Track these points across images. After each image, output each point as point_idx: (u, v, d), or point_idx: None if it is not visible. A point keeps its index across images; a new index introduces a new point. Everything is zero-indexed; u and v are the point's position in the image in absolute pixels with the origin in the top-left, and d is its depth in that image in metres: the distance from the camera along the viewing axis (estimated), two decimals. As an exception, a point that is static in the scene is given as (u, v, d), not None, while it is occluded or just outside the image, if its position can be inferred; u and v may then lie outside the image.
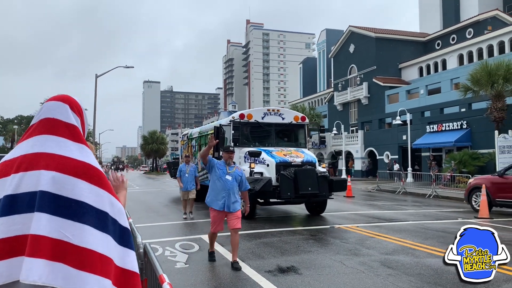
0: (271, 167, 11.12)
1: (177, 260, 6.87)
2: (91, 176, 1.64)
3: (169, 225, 10.75)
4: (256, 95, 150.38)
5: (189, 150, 18.08)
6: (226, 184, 6.38)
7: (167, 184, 32.62)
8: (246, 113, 12.68)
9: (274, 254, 7.31)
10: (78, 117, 1.78)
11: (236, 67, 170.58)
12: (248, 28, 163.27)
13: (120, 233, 1.68)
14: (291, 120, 13.13)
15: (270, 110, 12.89)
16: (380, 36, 44.78)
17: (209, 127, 15.63)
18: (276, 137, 12.99)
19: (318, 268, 6.32)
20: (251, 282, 5.67)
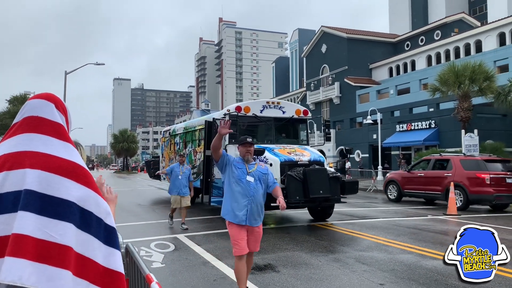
0: (275, 167, 9.69)
1: (153, 260, 6.79)
2: (78, 175, 1.61)
3: (143, 225, 10.61)
4: (229, 93, 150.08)
5: (171, 148, 16.85)
6: (248, 188, 4.72)
7: (139, 183, 32.17)
8: (243, 106, 11.28)
9: (250, 252, 7.32)
10: (63, 115, 1.75)
11: (208, 65, 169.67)
12: (220, 26, 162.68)
13: (105, 233, 1.65)
14: (292, 114, 11.70)
15: (269, 102, 11.55)
16: (352, 37, 45.50)
17: (196, 122, 14.47)
18: (276, 133, 11.63)
19: (295, 266, 6.38)
20: (229, 280, 5.67)
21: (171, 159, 16.23)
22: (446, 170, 14.70)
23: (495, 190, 13.19)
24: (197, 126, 13.94)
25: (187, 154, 14.29)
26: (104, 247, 1.65)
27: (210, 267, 6.37)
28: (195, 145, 13.93)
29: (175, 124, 31.26)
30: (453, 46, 38.00)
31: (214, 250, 7.49)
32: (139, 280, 2.34)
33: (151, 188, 25.41)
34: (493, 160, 14.29)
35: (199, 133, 13.58)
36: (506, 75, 26.49)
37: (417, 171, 16.09)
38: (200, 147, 13.09)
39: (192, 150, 14.11)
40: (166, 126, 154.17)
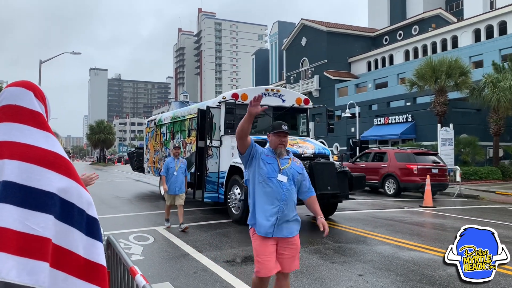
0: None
1: (132, 252, 6.72)
2: (59, 166, 1.57)
3: (121, 217, 10.49)
4: (208, 85, 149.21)
5: (157, 139, 15.71)
6: (279, 189, 3.58)
7: (116, 175, 31.78)
8: (240, 93, 10.29)
9: (231, 244, 7.33)
10: (42, 104, 1.69)
11: (187, 56, 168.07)
12: (200, 17, 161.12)
13: (87, 224, 1.62)
14: (292, 103, 10.89)
15: (268, 90, 10.68)
16: (331, 30, 45.70)
17: (186, 111, 13.30)
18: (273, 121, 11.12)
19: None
20: (209, 272, 5.66)
21: (157, 151, 15.41)
22: (383, 162, 16.70)
23: (421, 179, 14.67)
24: (187, 115, 12.94)
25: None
26: (86, 238, 1.61)
27: (190, 259, 6.34)
28: (184, 136, 13.02)
29: (157, 114, 30.43)
30: (430, 41, 38.61)
31: (193, 242, 7.46)
32: (122, 273, 2.30)
33: (128, 180, 25.12)
34: (421, 153, 16.32)
35: (189, 122, 12.68)
36: (481, 71, 27.10)
37: (360, 163, 17.86)
38: (191, 137, 12.28)
39: (181, 141, 13.17)
40: (143, 117, 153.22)
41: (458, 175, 16.89)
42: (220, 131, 10.33)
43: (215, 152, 10.36)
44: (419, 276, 5.51)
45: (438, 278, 5.43)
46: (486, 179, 21.43)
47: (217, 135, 10.35)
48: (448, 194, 16.43)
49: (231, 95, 10.24)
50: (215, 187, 10.32)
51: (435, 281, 5.33)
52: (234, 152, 9.59)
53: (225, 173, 9.87)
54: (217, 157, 10.32)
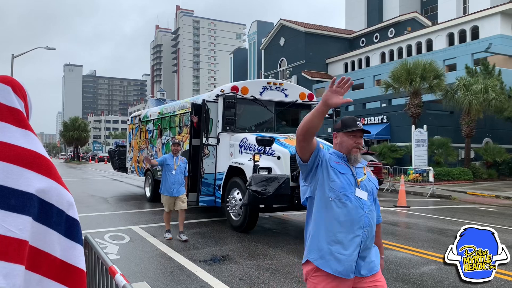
0: (284, 161, 7.81)
1: (108, 251, 6.61)
2: (39, 165, 1.52)
3: (96, 216, 10.31)
4: (186, 83, 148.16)
5: (142, 136, 14.44)
6: (359, 210, 2.50)
7: (90, 173, 31.23)
8: (240, 86, 9.37)
9: (208, 243, 7.30)
10: (21, 100, 1.64)
11: (164, 53, 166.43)
12: (178, 14, 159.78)
13: (66, 225, 1.58)
14: (296, 98, 10.01)
15: (270, 83, 9.77)
16: (309, 31, 46.05)
17: (177, 105, 12.10)
18: (276, 119, 9.90)
19: (253, 256, 6.42)
20: (186, 272, 5.63)
21: (142, 149, 14.26)
22: None
23: None
24: (177, 110, 11.75)
25: (164, 143, 12.41)
26: (64, 240, 1.57)
27: (167, 259, 6.29)
28: (174, 133, 11.92)
29: (134, 111, 29.69)
30: (406, 44, 39.33)
31: (170, 241, 7.40)
32: (101, 272, 2.26)
33: (103, 179, 24.72)
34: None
35: (179, 118, 11.59)
36: (454, 74, 27.77)
37: None
38: (182, 135, 11.20)
39: (170, 139, 12.05)
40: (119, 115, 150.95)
41: (431, 176, 17.28)
42: (217, 128, 9.39)
43: (212, 151, 9.38)
44: (394, 275, 5.61)
45: (412, 277, 5.55)
46: (458, 180, 21.98)
47: (214, 132, 9.40)
48: (422, 194, 16.79)
49: (230, 88, 9.27)
50: (211, 190, 9.39)
51: (409, 279, 5.44)
52: (234, 151, 8.89)
53: (223, 174, 8.94)
54: (213, 156, 9.38)
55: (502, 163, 25.05)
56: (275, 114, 9.74)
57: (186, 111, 10.98)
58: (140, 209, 11.56)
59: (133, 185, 19.39)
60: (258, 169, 7.59)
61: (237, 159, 8.51)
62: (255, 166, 7.61)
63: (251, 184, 7.05)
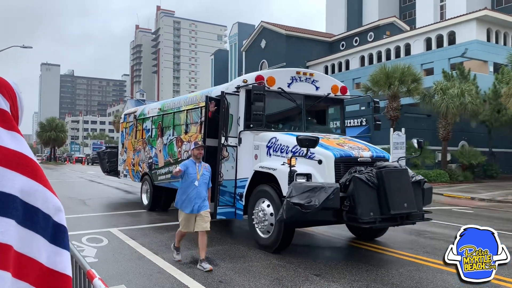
0: (327, 166, 6.44)
1: (85, 254, 6.49)
2: (25, 167, 1.48)
3: (74, 218, 10.12)
4: (166, 83, 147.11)
5: (137, 136, 12.72)
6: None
7: (67, 175, 30.68)
8: (265, 76, 7.83)
9: (188, 246, 7.24)
10: (7, 100, 1.59)
11: (144, 54, 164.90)
12: (158, 14, 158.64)
13: (53, 231, 1.54)
14: (328, 92, 8.53)
15: (300, 73, 8.29)
16: (290, 34, 46.31)
17: (182, 100, 10.48)
18: (306, 116, 8.38)
19: (233, 259, 6.40)
20: (166, 274, 5.57)
21: (138, 151, 12.51)
22: None
23: None
24: (183, 106, 10.24)
25: (166, 144, 10.75)
26: (50, 246, 1.53)
27: (146, 262, 6.22)
28: (179, 132, 10.32)
29: (113, 109, 28.82)
30: (385, 48, 39.92)
31: (150, 244, 7.32)
32: (78, 276, 2.22)
33: (81, 180, 24.31)
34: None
35: (187, 115, 10.01)
36: (432, 78, 28.32)
37: None
38: (190, 134, 9.69)
39: (174, 138, 10.41)
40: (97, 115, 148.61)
41: (409, 178, 17.51)
42: (238, 126, 7.89)
43: (231, 154, 7.86)
44: (373, 276, 5.67)
45: (391, 278, 5.62)
46: (435, 182, 22.39)
47: (234, 130, 7.88)
48: (400, 196, 17.02)
49: (255, 78, 7.73)
50: (231, 200, 7.80)
51: (388, 280, 5.50)
52: (260, 154, 7.39)
53: (245, 181, 7.46)
54: (233, 159, 7.86)
55: (477, 166, 25.67)
56: (304, 109, 8.22)
57: (195, 107, 9.57)
58: (119, 211, 11.40)
59: (112, 187, 19.12)
60: (296, 176, 6.23)
61: (266, 163, 7.07)
62: (291, 172, 6.21)
63: (292, 195, 5.73)
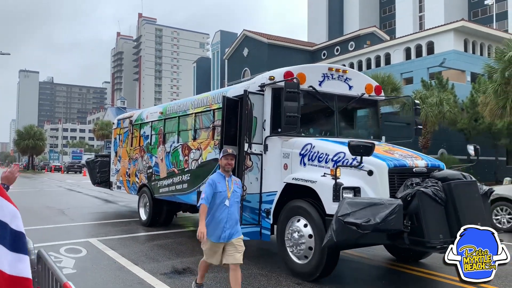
0: (379, 178, 5.40)
1: (63, 265, 6.35)
2: None
3: (51, 228, 9.91)
4: (147, 91, 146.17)
5: (134, 143, 11.37)
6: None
7: (46, 183, 30.08)
8: (295, 72, 6.75)
9: (169, 256, 7.16)
10: None
11: (125, 61, 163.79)
12: (140, 22, 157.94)
13: (12, 238, 1.50)
14: (362, 92, 7.40)
15: (332, 70, 7.16)
16: (272, 43, 46.66)
17: (190, 102, 9.14)
18: (339, 119, 7.22)
19: (214, 268, 6.32)
20: (146, 285, 5.48)
21: (134, 160, 11.11)
22: None
23: None
24: (191, 109, 8.96)
25: (170, 152, 9.49)
26: (11, 254, 1.50)
27: (126, 272, 6.11)
28: (185, 138, 9.10)
29: (94, 118, 27.93)
30: (365, 57, 40.52)
31: (129, 254, 7.20)
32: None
33: (60, 189, 23.86)
34: None
35: (195, 119, 8.78)
36: (411, 87, 28.80)
37: None
38: (200, 140, 8.47)
39: (179, 146, 9.13)
40: (77, 123, 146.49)
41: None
42: (263, 130, 6.72)
43: (255, 163, 6.74)
44: (348, 279, 5.68)
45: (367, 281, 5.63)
46: (415, 189, 22.67)
47: (259, 136, 6.73)
48: (381, 204, 17.17)
49: (283, 75, 6.70)
50: (255, 218, 6.68)
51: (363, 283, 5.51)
52: (291, 163, 6.32)
53: (273, 195, 6.33)
54: (258, 170, 6.71)
55: (455, 173, 26.03)
56: (336, 111, 7.10)
57: (205, 109, 8.41)
58: (98, 221, 11.21)
59: (91, 196, 18.81)
60: (342, 189, 5.24)
61: (300, 174, 5.99)
62: (337, 185, 5.23)
63: (345, 212, 4.76)
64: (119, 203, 15.76)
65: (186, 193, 8.65)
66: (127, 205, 15.08)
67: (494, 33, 36.02)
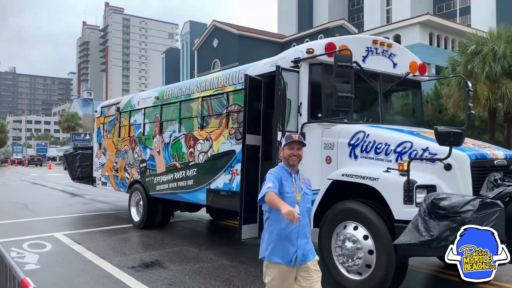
0: (460, 173, 4.40)
1: (26, 261, 6.18)
2: None
3: (14, 223, 9.60)
4: (115, 82, 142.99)
5: (121, 133, 10.06)
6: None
7: (8, 177, 29.10)
8: (337, 43, 5.40)
9: (137, 249, 7.07)
10: None
11: (92, 51, 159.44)
12: (107, 11, 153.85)
13: None
14: (406, 70, 6.21)
15: (377, 42, 5.95)
16: (243, 34, 46.46)
17: (196, 84, 7.76)
18: (384, 103, 6.06)
19: (183, 260, 6.31)
20: (113, 279, 5.40)
21: (123, 152, 9.80)
22: None
23: None
24: (197, 92, 7.61)
25: (169, 143, 8.17)
26: None
27: (93, 267, 5.99)
28: (189, 127, 7.78)
29: (59, 109, 26.23)
30: (334, 50, 40.95)
31: (96, 248, 7.06)
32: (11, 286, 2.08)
33: (23, 183, 23.13)
34: None
35: (202, 104, 7.45)
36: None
37: None
38: (209, 129, 7.21)
39: (182, 136, 7.85)
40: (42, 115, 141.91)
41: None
42: (299, 116, 5.46)
43: None
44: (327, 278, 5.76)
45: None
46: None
47: (293, 123, 5.44)
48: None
49: (325, 47, 5.34)
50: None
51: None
52: (337, 155, 5.14)
53: (314, 195, 4.84)
54: None
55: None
56: (381, 93, 5.92)
57: (216, 92, 7.13)
58: (64, 215, 10.94)
59: (57, 190, 18.33)
60: (416, 188, 4.22)
61: (351, 169, 4.87)
62: (409, 182, 4.21)
63: (438, 213, 3.76)
64: (85, 196, 15.43)
65: (191, 191, 7.40)
66: (94, 198, 14.78)
67: (457, 27, 37.04)
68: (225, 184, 6.61)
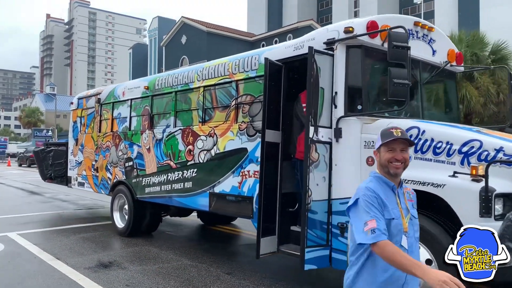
0: None
1: (-25, 263, 5.89)
2: None
3: (-35, 223, 9.15)
4: (80, 77, 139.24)
5: (103, 128, 8.90)
6: None
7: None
8: (380, 23, 4.60)
9: (95, 249, 6.86)
10: None
11: (56, 45, 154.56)
12: (72, 4, 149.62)
13: None
14: (445, 59, 5.51)
15: (418, 24, 5.20)
16: (212, 31, 46.19)
17: (196, 71, 6.78)
18: (424, 94, 5.36)
19: (143, 261, 6.17)
20: (68, 281, 5.21)
21: (105, 149, 8.67)
22: None
23: None
24: (197, 80, 6.63)
25: (162, 139, 7.13)
26: None
27: (47, 268, 5.77)
28: (187, 121, 6.80)
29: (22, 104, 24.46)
30: (303, 50, 41.35)
31: (52, 249, 6.81)
32: None
33: None
34: None
35: (204, 94, 6.48)
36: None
37: None
38: (213, 123, 6.25)
39: (178, 131, 6.83)
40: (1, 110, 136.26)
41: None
42: (333, 108, 4.62)
43: (322, 155, 4.57)
44: (292, 276, 5.77)
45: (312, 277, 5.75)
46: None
47: (325, 116, 4.61)
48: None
49: (367, 25, 4.55)
50: (323, 236, 4.54)
51: (310, 280, 5.63)
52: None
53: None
54: (326, 166, 4.59)
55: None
56: (421, 84, 5.22)
57: (222, 81, 6.20)
58: (20, 214, 10.50)
59: (15, 187, 17.63)
60: (495, 196, 3.54)
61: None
62: (487, 190, 3.52)
63: None
64: (45, 194, 14.90)
65: (190, 194, 6.42)
66: (54, 196, 14.30)
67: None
68: (233, 187, 5.67)
